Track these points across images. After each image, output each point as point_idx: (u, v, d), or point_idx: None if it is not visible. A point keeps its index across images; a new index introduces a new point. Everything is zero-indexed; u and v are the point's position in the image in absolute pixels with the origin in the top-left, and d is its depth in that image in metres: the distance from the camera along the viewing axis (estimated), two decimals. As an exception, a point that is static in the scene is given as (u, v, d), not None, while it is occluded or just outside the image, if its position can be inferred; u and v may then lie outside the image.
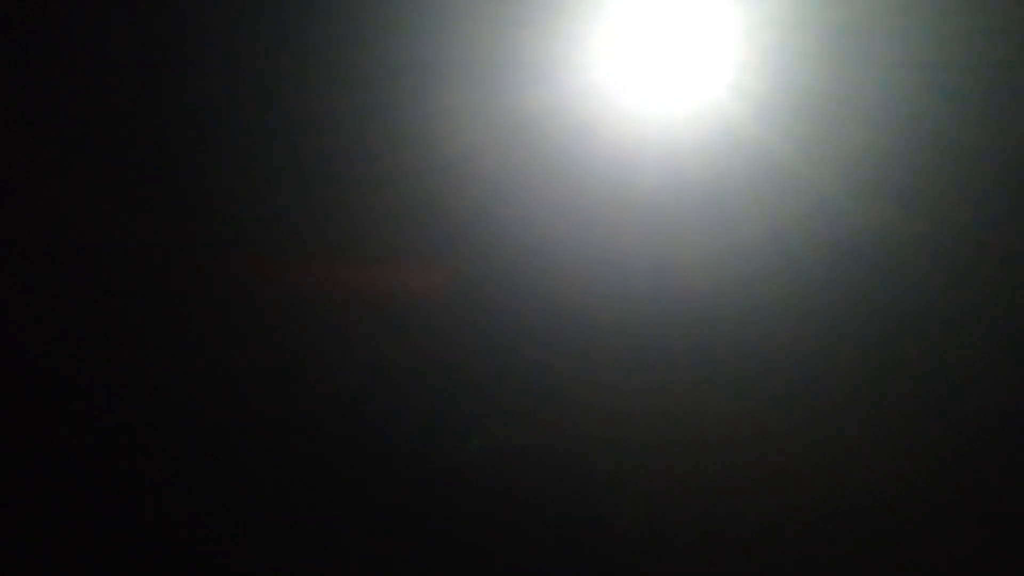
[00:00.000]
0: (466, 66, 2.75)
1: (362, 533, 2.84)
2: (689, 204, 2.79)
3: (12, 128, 2.87)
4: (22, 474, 2.83)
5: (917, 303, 2.82)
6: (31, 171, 2.88)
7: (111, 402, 2.86)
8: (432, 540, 2.81)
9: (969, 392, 2.83)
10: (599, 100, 2.80)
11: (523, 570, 2.80)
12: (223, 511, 2.84)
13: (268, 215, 2.86)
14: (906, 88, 2.75)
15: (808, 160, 2.77)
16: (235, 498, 2.84)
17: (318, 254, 2.88)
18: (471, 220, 2.82)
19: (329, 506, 2.83)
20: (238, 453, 2.84)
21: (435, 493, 2.83)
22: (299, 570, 2.82)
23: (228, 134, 2.84)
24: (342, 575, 2.82)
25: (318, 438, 2.84)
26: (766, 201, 2.78)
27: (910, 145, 2.77)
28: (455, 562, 2.81)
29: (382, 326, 2.85)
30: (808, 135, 2.76)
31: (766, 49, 2.75)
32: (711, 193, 2.79)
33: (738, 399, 2.84)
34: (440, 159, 2.79)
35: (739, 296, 2.81)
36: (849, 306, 2.81)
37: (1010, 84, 2.77)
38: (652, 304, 2.82)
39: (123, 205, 2.88)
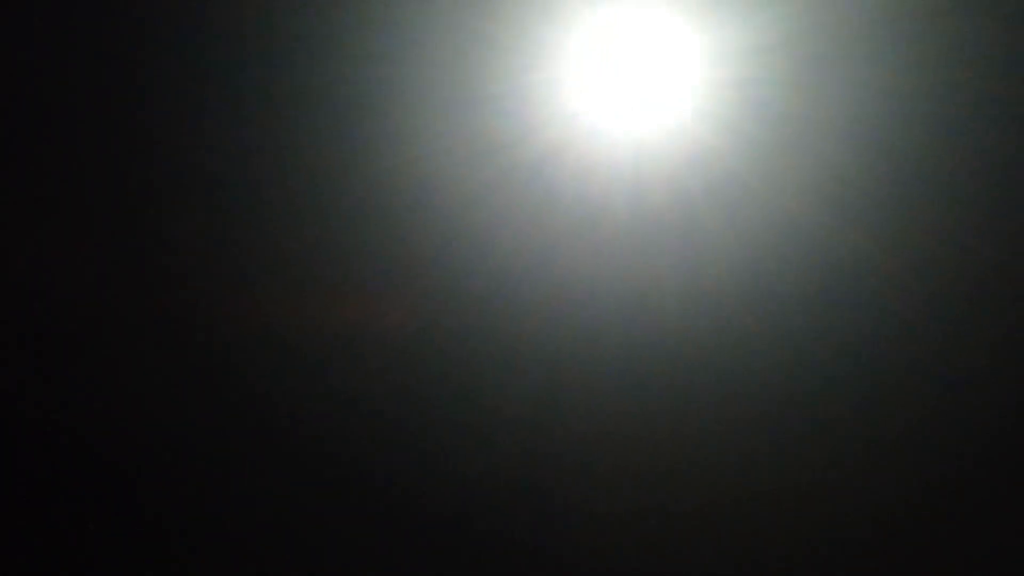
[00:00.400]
0: (434, 95, 2.78)
1: (333, 561, 2.87)
2: (660, 230, 2.81)
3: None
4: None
5: (887, 325, 2.84)
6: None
7: (80, 443, 2.88)
8: (404, 569, 2.85)
9: (944, 411, 2.86)
10: (570, 127, 2.82)
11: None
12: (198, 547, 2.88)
13: (234, 250, 2.87)
14: (874, 114, 2.77)
15: (777, 185, 2.79)
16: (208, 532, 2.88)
17: (286, 289, 2.89)
18: (441, 248, 2.83)
19: (302, 537, 2.87)
20: (206, 490, 2.87)
21: (406, 522, 2.86)
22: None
23: (193, 170, 2.85)
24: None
25: (289, 471, 2.87)
26: (736, 225, 2.81)
27: (878, 169, 2.80)
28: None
29: (350, 359, 2.87)
30: (778, 160, 2.78)
31: (736, 76, 2.77)
32: (682, 218, 2.81)
33: (710, 421, 2.86)
34: (409, 187, 2.81)
35: (709, 320, 2.83)
36: (819, 328, 2.84)
37: (981, 110, 2.80)
38: (623, 327, 2.85)
39: (86, 244, 2.89)
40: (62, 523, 2.86)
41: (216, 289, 2.88)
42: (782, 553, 2.84)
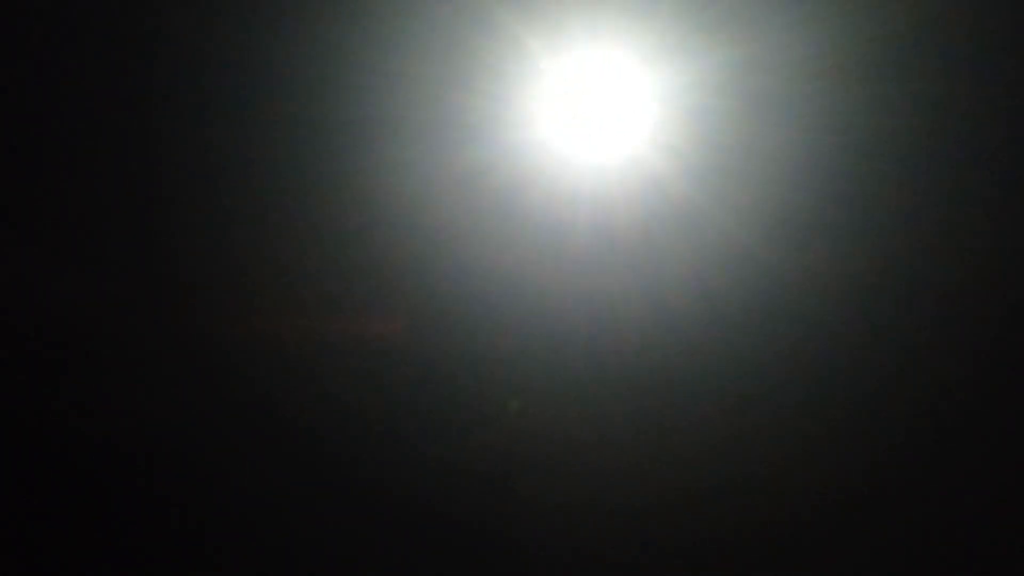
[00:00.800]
0: (414, 126, 2.90)
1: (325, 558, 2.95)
2: (618, 251, 2.95)
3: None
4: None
5: (830, 343, 2.99)
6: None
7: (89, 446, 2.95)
8: (391, 564, 2.93)
9: (895, 415, 3.02)
10: (536, 157, 2.95)
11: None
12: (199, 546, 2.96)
13: (233, 270, 2.99)
14: (817, 147, 2.92)
15: (725, 210, 2.93)
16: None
17: (280, 305, 3.00)
18: (419, 269, 2.96)
19: (300, 533, 2.94)
20: (204, 490, 2.95)
21: (396, 518, 2.95)
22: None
23: (193, 196, 2.97)
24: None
25: (285, 471, 2.96)
26: (688, 247, 2.94)
27: (820, 193, 2.95)
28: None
29: (339, 368, 2.99)
30: (725, 188, 2.92)
31: (688, 111, 2.90)
32: (638, 240, 2.94)
33: (668, 422, 3.00)
34: (390, 213, 2.93)
35: (664, 334, 2.97)
36: (765, 342, 2.98)
37: (920, 147, 2.94)
38: (584, 342, 2.99)
39: (92, 263, 2.98)
40: (69, 524, 2.91)
41: (220, 303, 2.98)
42: (744, 541, 2.97)
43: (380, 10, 2.87)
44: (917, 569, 2.95)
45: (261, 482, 2.94)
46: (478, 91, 2.89)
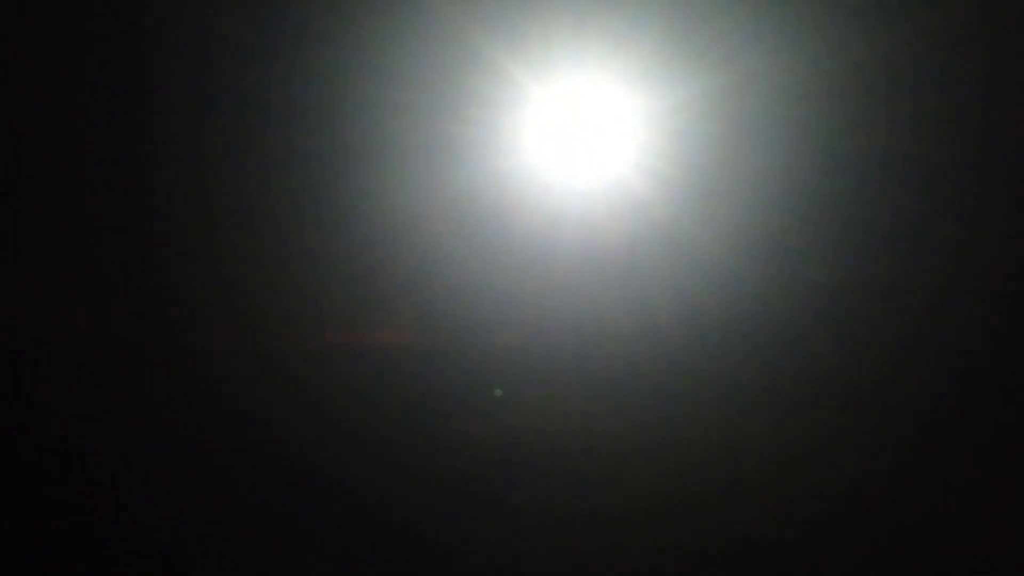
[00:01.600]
0: (410, 150, 3.01)
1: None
2: (604, 270, 3.06)
3: None
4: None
5: (810, 356, 3.07)
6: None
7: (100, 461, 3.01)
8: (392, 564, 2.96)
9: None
10: (525, 180, 3.06)
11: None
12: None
13: (236, 288, 3.10)
14: (796, 169, 3.01)
15: (706, 230, 3.03)
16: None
17: (280, 319, 3.11)
18: (412, 286, 3.07)
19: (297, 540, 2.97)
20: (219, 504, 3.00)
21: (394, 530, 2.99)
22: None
23: (199, 218, 3.08)
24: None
25: (282, 478, 3.02)
26: (671, 266, 3.04)
27: (801, 218, 3.04)
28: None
29: (332, 377, 3.06)
30: (706, 209, 3.02)
31: (670, 136, 3.00)
32: (623, 259, 3.06)
33: (653, 446, 3.06)
34: (385, 232, 3.04)
35: (649, 347, 3.07)
36: (746, 356, 3.08)
37: (899, 168, 3.02)
38: (572, 356, 3.10)
39: (100, 285, 3.09)
40: (69, 528, 2.91)
41: (219, 317, 3.08)
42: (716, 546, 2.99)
43: (377, 43, 2.97)
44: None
45: (262, 490, 2.99)
46: (469, 118, 2.99)
